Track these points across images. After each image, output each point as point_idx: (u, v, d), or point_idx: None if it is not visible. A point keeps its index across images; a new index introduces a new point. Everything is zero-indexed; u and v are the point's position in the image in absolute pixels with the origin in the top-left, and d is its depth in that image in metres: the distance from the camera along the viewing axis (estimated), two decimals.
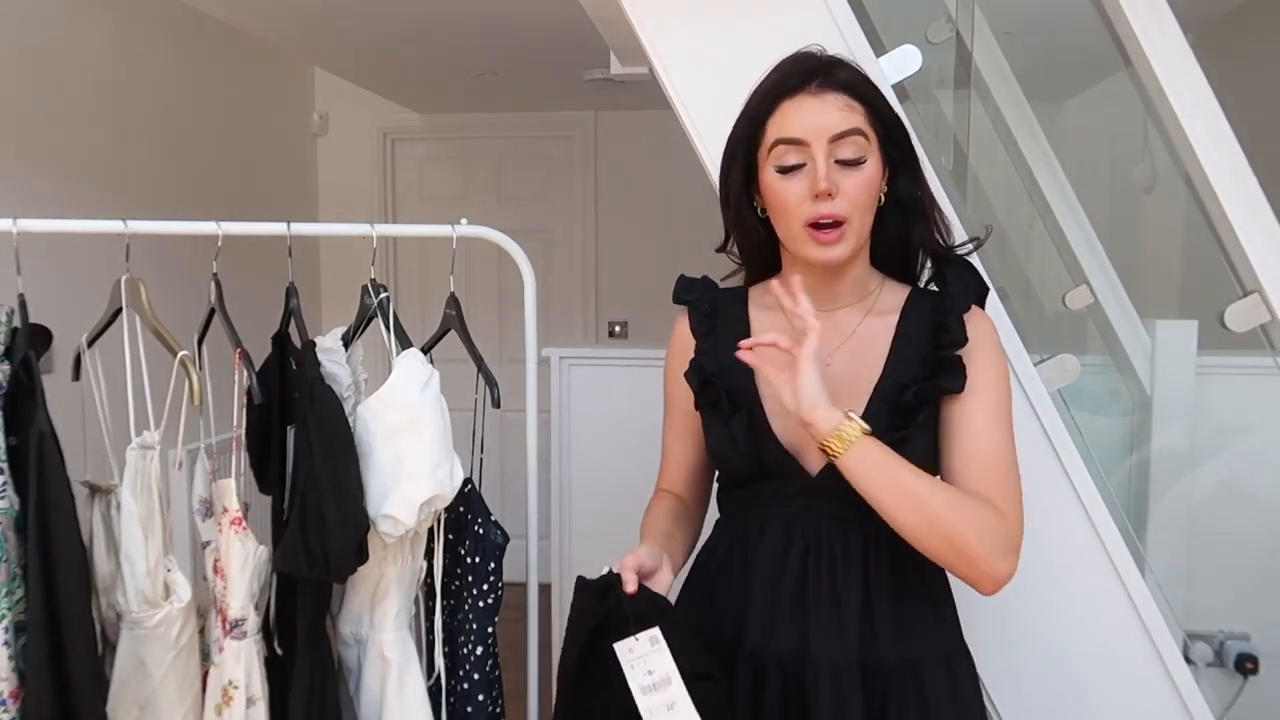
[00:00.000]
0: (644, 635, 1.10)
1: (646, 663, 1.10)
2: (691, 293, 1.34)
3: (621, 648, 1.11)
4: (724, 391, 1.25)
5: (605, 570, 1.15)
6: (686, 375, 1.30)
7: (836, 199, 1.15)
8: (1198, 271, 2.94)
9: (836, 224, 1.16)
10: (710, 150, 1.54)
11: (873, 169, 1.17)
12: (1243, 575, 2.16)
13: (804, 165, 1.15)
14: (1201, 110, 1.55)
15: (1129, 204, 3.27)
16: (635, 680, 1.10)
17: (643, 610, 1.11)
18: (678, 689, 1.09)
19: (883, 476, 1.10)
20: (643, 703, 1.09)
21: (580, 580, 1.16)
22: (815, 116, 1.15)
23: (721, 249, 1.33)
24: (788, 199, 1.17)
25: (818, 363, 1.12)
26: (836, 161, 1.15)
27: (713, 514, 1.38)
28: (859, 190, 1.16)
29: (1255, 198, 1.56)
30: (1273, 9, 3.05)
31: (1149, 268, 3.28)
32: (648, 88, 2.10)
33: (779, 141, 1.16)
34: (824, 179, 1.13)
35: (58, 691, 1.29)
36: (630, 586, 1.12)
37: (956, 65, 2.23)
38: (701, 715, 1.09)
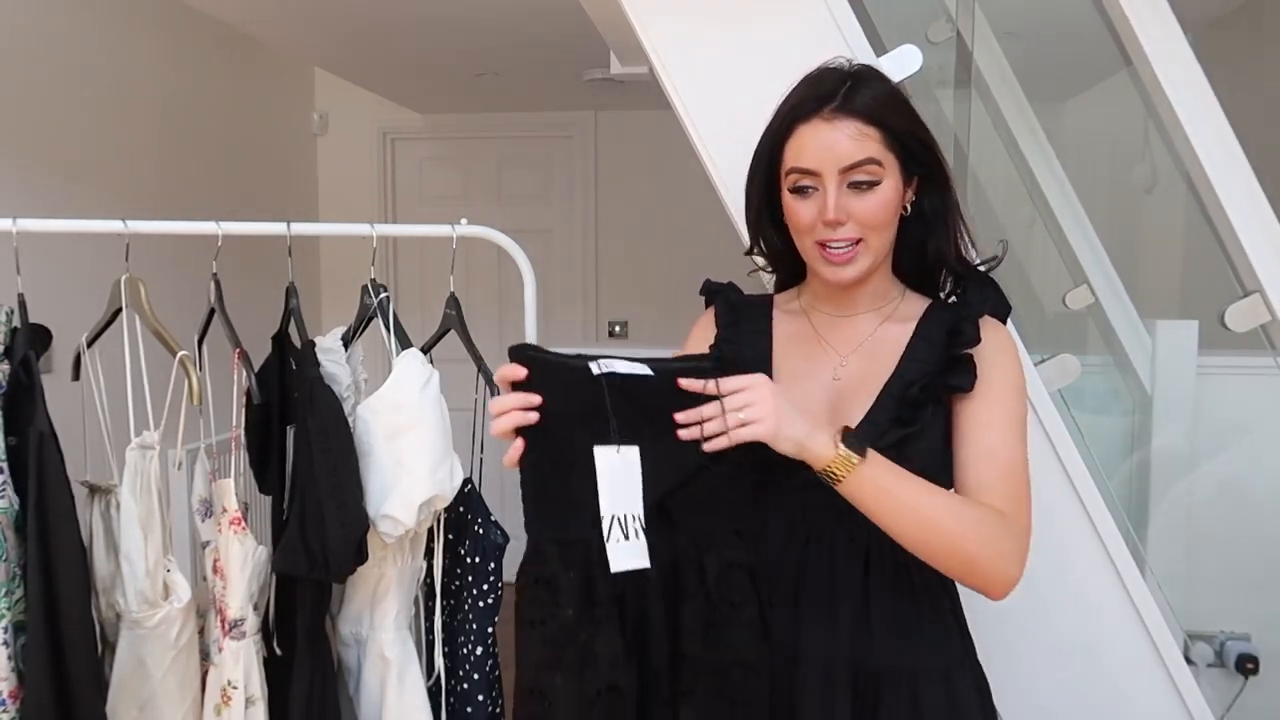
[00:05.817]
0: (625, 450, 1.02)
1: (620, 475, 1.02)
2: (719, 290, 1.37)
3: (603, 452, 1.02)
4: None
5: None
6: None
7: (847, 224, 1.17)
8: (1198, 271, 2.94)
9: (851, 243, 1.17)
10: (710, 150, 1.54)
11: (887, 191, 1.17)
12: (1243, 575, 2.16)
13: (817, 189, 1.17)
14: (1201, 110, 1.55)
15: (1129, 204, 3.27)
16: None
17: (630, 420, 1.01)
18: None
19: (881, 495, 1.08)
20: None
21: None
22: (827, 145, 1.15)
23: (749, 252, 1.35)
24: (802, 220, 1.19)
25: (781, 394, 1.07)
26: (850, 185, 1.16)
27: None
28: (871, 212, 1.17)
29: (1255, 198, 1.56)
30: (1273, 9, 3.05)
31: (1149, 268, 3.28)
32: (648, 88, 2.09)
33: (793, 169, 1.19)
34: (832, 209, 1.15)
35: (58, 691, 1.29)
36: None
37: (957, 65, 2.23)
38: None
